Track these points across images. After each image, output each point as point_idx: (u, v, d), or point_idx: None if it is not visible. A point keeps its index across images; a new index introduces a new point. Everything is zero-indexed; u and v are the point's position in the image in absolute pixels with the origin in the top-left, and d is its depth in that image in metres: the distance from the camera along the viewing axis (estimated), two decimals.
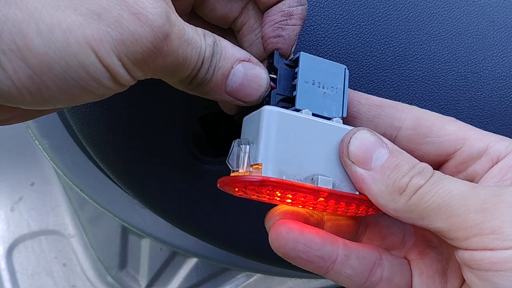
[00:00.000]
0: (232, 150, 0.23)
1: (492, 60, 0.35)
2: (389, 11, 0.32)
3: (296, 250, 0.22)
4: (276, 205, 0.25)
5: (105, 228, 0.72)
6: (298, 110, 0.23)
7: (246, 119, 0.24)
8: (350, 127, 0.24)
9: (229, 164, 0.23)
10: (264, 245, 0.36)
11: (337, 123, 0.24)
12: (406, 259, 0.26)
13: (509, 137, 0.36)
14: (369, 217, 0.26)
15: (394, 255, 0.25)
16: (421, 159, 0.25)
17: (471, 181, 0.24)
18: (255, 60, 0.23)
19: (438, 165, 0.25)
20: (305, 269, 0.23)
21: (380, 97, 0.32)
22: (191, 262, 0.73)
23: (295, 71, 0.24)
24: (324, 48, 0.30)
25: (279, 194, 0.22)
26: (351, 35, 0.31)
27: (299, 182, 0.22)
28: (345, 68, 0.25)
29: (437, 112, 0.33)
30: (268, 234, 0.24)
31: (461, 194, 0.20)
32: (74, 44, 0.17)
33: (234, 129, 0.33)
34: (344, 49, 0.31)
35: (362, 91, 0.32)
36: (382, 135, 0.25)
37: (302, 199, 0.22)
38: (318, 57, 0.24)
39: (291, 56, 0.24)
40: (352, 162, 0.22)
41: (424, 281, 0.24)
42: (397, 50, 0.32)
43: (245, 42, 0.25)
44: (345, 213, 0.24)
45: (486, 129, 0.36)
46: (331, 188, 0.22)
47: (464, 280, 0.23)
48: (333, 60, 0.26)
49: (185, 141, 0.32)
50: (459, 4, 0.35)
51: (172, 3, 0.20)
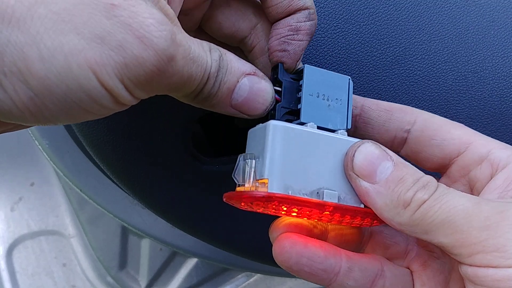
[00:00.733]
0: (238, 164, 0.23)
1: (492, 60, 0.35)
2: (389, 11, 0.32)
3: (300, 264, 0.23)
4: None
5: (105, 228, 0.72)
6: (303, 123, 0.23)
7: (251, 132, 0.24)
8: (355, 140, 0.24)
9: (235, 178, 0.23)
10: (264, 245, 0.36)
11: (342, 135, 0.24)
12: (408, 269, 0.26)
13: (509, 136, 0.36)
14: (373, 226, 0.26)
15: (396, 265, 0.25)
16: (427, 161, 0.25)
17: (473, 186, 0.24)
18: (261, 74, 0.23)
19: (443, 169, 0.26)
20: (309, 281, 0.23)
21: (380, 97, 0.32)
22: (191, 262, 0.73)
23: (300, 84, 0.24)
24: (324, 48, 0.30)
25: (285, 209, 0.22)
26: (351, 35, 0.31)
27: (305, 196, 0.22)
28: (349, 79, 0.25)
29: (437, 112, 0.33)
30: (268, 235, 0.24)
31: (465, 210, 0.20)
32: (75, 68, 0.17)
33: (234, 129, 0.33)
34: (344, 49, 0.31)
35: (362, 91, 0.32)
36: (393, 138, 0.26)
37: (308, 212, 0.23)
38: (322, 69, 0.24)
39: (295, 71, 0.24)
40: (357, 175, 0.22)
41: None
42: (397, 50, 0.32)
43: (258, 64, 0.25)
44: (350, 224, 0.25)
45: (486, 129, 0.36)
46: (336, 202, 0.22)
47: None
48: (333, 60, 0.26)
49: (185, 141, 0.32)
50: (459, 4, 0.35)
51: (180, 19, 0.20)
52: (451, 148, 0.25)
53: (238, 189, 0.23)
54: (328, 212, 0.22)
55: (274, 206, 0.22)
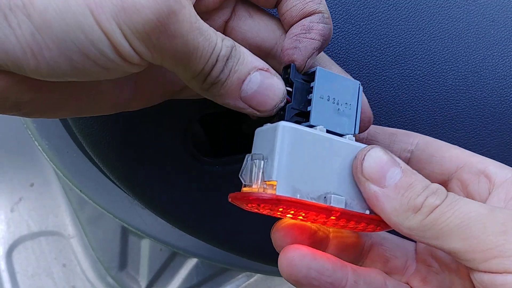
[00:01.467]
0: (245, 164, 0.22)
1: (492, 59, 0.35)
2: (389, 11, 0.32)
3: (309, 277, 0.22)
4: None
5: (105, 229, 0.72)
6: (312, 126, 0.23)
7: (259, 132, 0.24)
8: (363, 145, 0.24)
9: (242, 178, 0.22)
10: (264, 245, 0.36)
11: (350, 140, 0.24)
12: (408, 284, 0.26)
13: (509, 136, 0.36)
14: (374, 237, 0.26)
15: (397, 281, 0.26)
16: (428, 178, 0.26)
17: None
18: (273, 71, 0.22)
19: (443, 185, 0.26)
20: None
21: (380, 96, 0.32)
22: (191, 262, 0.73)
23: (310, 86, 0.24)
24: (324, 49, 0.30)
25: (292, 212, 0.22)
26: (351, 35, 0.31)
27: (313, 201, 0.22)
28: (359, 84, 0.25)
29: (437, 112, 0.33)
30: (270, 237, 0.24)
31: (480, 216, 0.20)
32: (73, 4, 0.17)
33: (234, 129, 0.33)
34: (344, 49, 0.31)
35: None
36: None
37: (315, 217, 0.23)
38: (334, 73, 0.24)
39: (305, 70, 0.24)
40: (366, 179, 0.22)
41: None
42: (397, 50, 0.32)
43: None
44: (353, 229, 0.25)
45: (486, 129, 0.36)
46: (343, 207, 0.22)
47: None
48: (333, 61, 0.26)
49: (185, 141, 0.32)
50: (459, 3, 0.35)
51: None
52: (450, 164, 0.25)
53: (244, 189, 0.23)
54: (334, 218, 0.22)
55: (281, 209, 0.22)
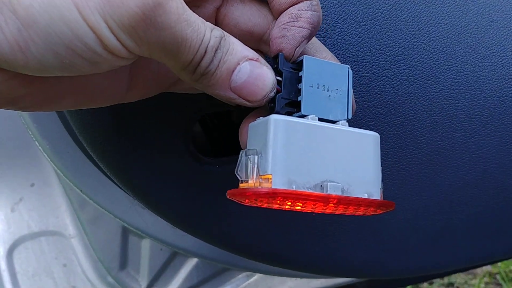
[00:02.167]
0: (240, 160, 0.23)
1: (492, 59, 0.35)
2: (388, 11, 0.32)
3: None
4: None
5: (105, 229, 0.72)
6: (304, 116, 0.23)
7: (252, 127, 0.24)
8: (356, 130, 0.24)
9: (238, 175, 0.23)
10: (265, 245, 0.36)
11: (343, 126, 0.24)
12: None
13: (509, 136, 0.36)
14: None
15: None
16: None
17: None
18: (263, 61, 0.23)
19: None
20: None
21: (380, 96, 0.32)
22: (192, 262, 0.73)
23: (300, 75, 0.24)
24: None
25: (290, 203, 0.22)
26: (350, 35, 0.31)
27: (309, 190, 0.22)
28: (348, 68, 0.25)
29: (437, 112, 0.33)
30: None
31: None
32: None
33: (234, 129, 0.33)
34: (343, 49, 0.31)
35: (362, 91, 0.32)
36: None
37: (313, 206, 0.23)
38: (322, 60, 0.24)
39: (294, 59, 0.24)
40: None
41: None
42: (396, 50, 0.32)
43: None
44: (354, 214, 0.25)
45: (485, 128, 0.36)
46: (340, 194, 0.23)
47: None
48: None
49: (185, 141, 0.32)
50: (458, 3, 0.35)
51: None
52: None
53: (241, 185, 0.23)
54: (332, 204, 0.23)
55: (278, 202, 0.22)
